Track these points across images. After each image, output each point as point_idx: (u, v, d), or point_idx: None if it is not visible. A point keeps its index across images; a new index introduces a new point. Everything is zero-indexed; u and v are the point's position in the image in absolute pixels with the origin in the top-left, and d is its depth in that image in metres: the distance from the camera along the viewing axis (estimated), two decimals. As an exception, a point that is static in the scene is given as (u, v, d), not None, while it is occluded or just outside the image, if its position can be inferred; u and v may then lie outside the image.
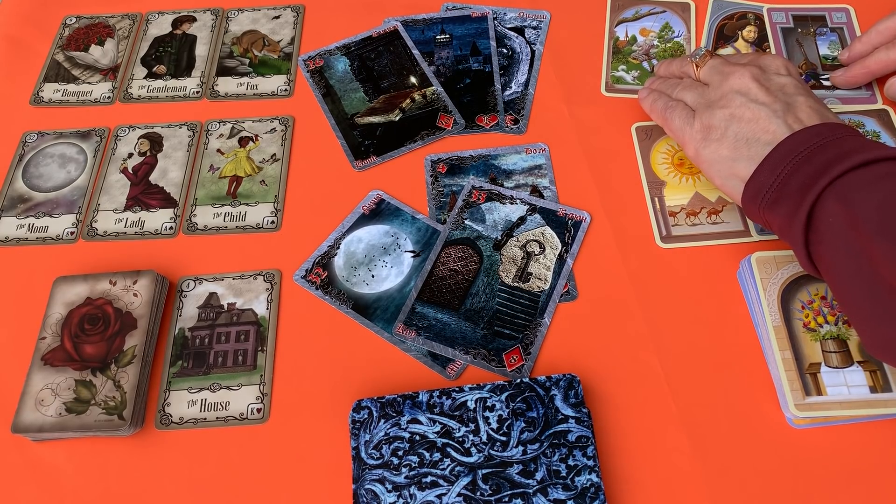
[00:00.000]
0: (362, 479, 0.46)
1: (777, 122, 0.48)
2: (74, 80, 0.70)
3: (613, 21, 0.70)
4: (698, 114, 0.53)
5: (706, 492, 0.47)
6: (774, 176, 0.46)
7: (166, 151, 0.65)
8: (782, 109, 0.49)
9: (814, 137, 0.46)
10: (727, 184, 0.50)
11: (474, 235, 0.58)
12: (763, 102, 0.49)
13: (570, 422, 0.47)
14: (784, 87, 0.51)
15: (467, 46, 0.69)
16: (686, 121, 0.53)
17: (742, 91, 0.51)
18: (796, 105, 0.49)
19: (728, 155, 0.50)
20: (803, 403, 0.47)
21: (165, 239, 0.60)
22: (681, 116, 0.54)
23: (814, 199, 0.43)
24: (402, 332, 0.54)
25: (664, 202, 0.59)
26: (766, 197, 0.47)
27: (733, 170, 0.49)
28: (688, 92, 0.55)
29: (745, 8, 0.70)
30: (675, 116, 0.54)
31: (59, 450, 0.51)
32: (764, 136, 0.48)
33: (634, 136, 0.63)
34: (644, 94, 0.60)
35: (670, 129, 0.56)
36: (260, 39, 0.72)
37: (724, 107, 0.51)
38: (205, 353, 0.54)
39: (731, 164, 0.49)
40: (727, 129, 0.50)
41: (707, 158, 0.51)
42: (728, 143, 0.50)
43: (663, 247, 0.57)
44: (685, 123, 0.53)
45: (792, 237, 0.45)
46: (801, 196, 0.44)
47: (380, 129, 0.65)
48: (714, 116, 0.51)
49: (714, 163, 0.51)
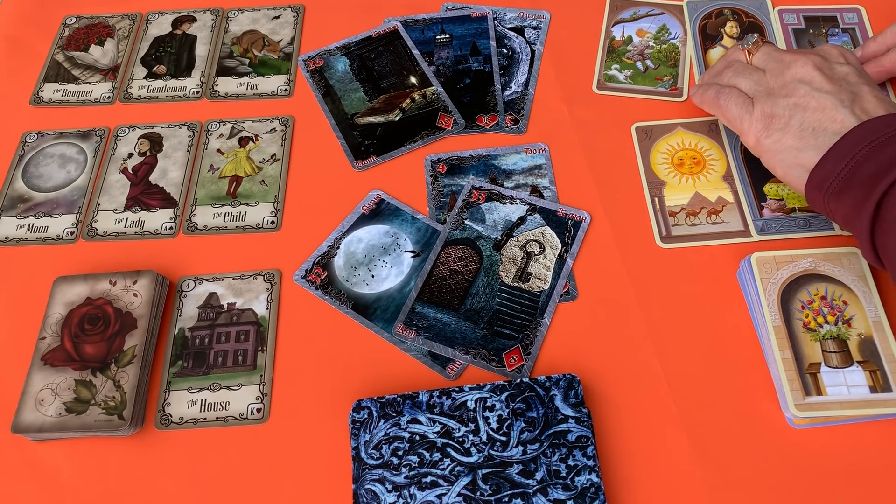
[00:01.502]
0: (362, 479, 0.46)
1: (844, 111, 0.47)
2: (74, 80, 0.70)
3: (611, 21, 0.70)
4: (758, 101, 0.51)
5: (706, 492, 0.47)
6: (843, 165, 0.45)
7: (166, 151, 0.65)
8: (849, 99, 0.48)
9: (884, 127, 0.45)
10: (790, 173, 0.50)
11: (474, 235, 0.58)
12: (828, 91, 0.49)
13: (569, 422, 0.47)
14: (847, 76, 0.50)
15: (467, 46, 0.69)
16: (745, 108, 0.52)
17: (805, 80, 0.50)
18: (862, 95, 0.48)
19: (793, 144, 0.49)
20: (803, 403, 0.47)
21: (165, 239, 0.60)
22: (738, 104, 0.53)
23: (885, 189, 0.43)
24: (402, 332, 0.54)
25: (664, 202, 0.59)
26: (832, 186, 0.46)
27: (798, 159, 0.49)
28: (742, 78, 0.54)
29: (719, 4, 0.70)
30: (730, 104, 0.53)
31: (59, 450, 0.51)
32: (832, 126, 0.47)
33: (634, 135, 0.63)
34: (693, 90, 0.59)
35: (726, 117, 0.54)
36: (260, 39, 0.72)
37: (787, 95, 0.50)
38: (205, 353, 0.54)
39: (797, 153, 0.49)
40: (791, 118, 0.49)
41: (770, 148, 0.50)
42: (793, 133, 0.49)
43: (663, 247, 0.57)
44: (743, 111, 0.52)
45: (858, 227, 0.45)
46: (871, 186, 0.44)
47: (380, 129, 0.65)
48: (777, 105, 0.50)
49: (778, 152, 0.50)
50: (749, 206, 0.58)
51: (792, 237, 0.56)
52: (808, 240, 0.56)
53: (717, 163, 0.61)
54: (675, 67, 0.67)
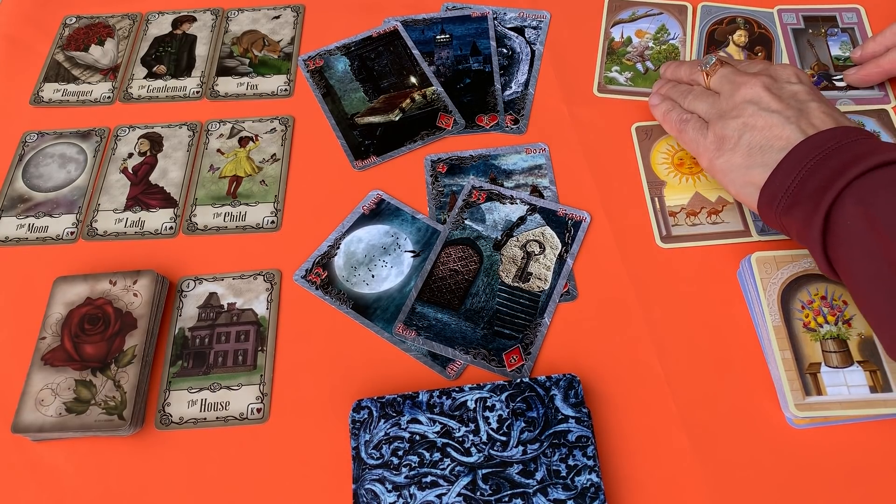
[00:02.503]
0: (362, 479, 0.46)
1: (790, 127, 0.48)
2: (74, 80, 0.70)
3: (610, 22, 0.70)
4: (711, 125, 0.53)
5: (706, 492, 0.47)
6: (790, 180, 0.46)
7: (166, 151, 0.65)
8: (795, 115, 0.49)
9: (828, 140, 0.46)
10: (742, 192, 0.50)
11: (474, 235, 0.58)
12: (775, 110, 0.49)
13: (570, 422, 0.47)
14: (796, 95, 0.51)
15: (467, 46, 0.69)
16: (700, 132, 0.54)
17: (754, 100, 0.51)
18: (809, 110, 0.49)
19: (742, 163, 0.50)
20: (803, 403, 0.47)
21: (165, 239, 0.60)
22: (694, 128, 0.54)
23: (831, 201, 0.43)
24: (402, 332, 0.54)
25: (664, 202, 0.59)
26: (781, 201, 0.46)
27: (748, 177, 0.49)
28: (700, 102, 0.55)
29: (734, 12, 0.70)
30: (688, 128, 0.55)
31: (59, 450, 0.51)
32: (777, 143, 0.48)
33: (634, 136, 0.63)
34: (656, 101, 0.60)
35: (684, 140, 0.56)
36: (260, 39, 0.72)
37: (736, 117, 0.51)
38: (205, 352, 0.54)
39: (746, 171, 0.49)
40: (740, 138, 0.50)
41: (721, 168, 0.51)
42: (742, 152, 0.50)
43: (663, 247, 0.57)
44: (699, 135, 0.54)
45: (809, 241, 0.45)
46: (818, 199, 0.44)
47: (380, 129, 0.65)
48: (727, 127, 0.51)
49: (728, 172, 0.51)
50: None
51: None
52: (808, 240, 0.56)
53: None
54: (675, 68, 0.67)
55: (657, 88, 0.61)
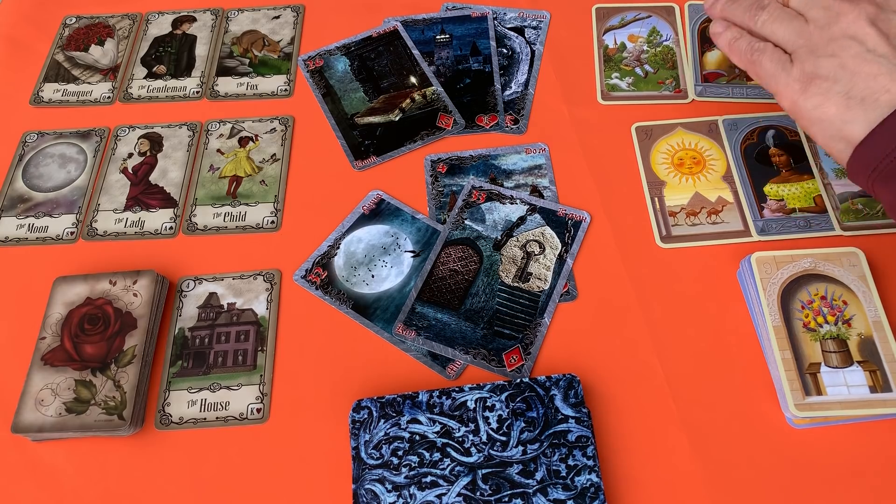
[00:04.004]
0: (362, 479, 0.46)
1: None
2: (74, 80, 0.70)
3: (601, 30, 0.70)
4: (798, 57, 0.45)
5: (706, 492, 0.47)
6: (892, 147, 0.40)
7: (166, 151, 0.65)
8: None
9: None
10: (832, 145, 0.44)
11: (474, 235, 0.58)
12: (883, 54, 0.42)
13: (569, 422, 0.47)
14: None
15: (467, 46, 0.69)
16: (780, 65, 0.46)
17: (857, 37, 0.43)
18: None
19: (836, 114, 0.43)
20: (803, 403, 0.47)
21: (165, 239, 0.60)
22: (772, 60, 0.46)
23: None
24: (402, 332, 0.54)
25: (664, 202, 0.59)
26: (879, 169, 0.41)
27: (842, 132, 0.43)
28: (780, 26, 0.47)
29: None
30: (763, 60, 0.47)
31: (59, 450, 0.51)
32: (884, 97, 0.41)
33: (634, 135, 0.63)
34: (720, 29, 0.51)
35: (757, 73, 0.48)
36: (260, 39, 0.72)
37: (832, 55, 0.43)
38: (205, 353, 0.54)
39: (841, 125, 0.43)
40: (837, 81, 0.43)
41: (809, 115, 0.44)
42: (837, 100, 0.43)
43: (663, 247, 0.57)
44: (778, 68, 0.46)
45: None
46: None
47: (380, 129, 0.65)
48: (820, 66, 0.43)
49: (818, 120, 0.44)
50: (749, 207, 0.58)
51: (792, 237, 0.56)
52: (809, 240, 0.56)
53: (717, 163, 0.61)
54: (674, 69, 0.67)
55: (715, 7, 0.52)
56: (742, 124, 0.62)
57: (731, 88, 0.65)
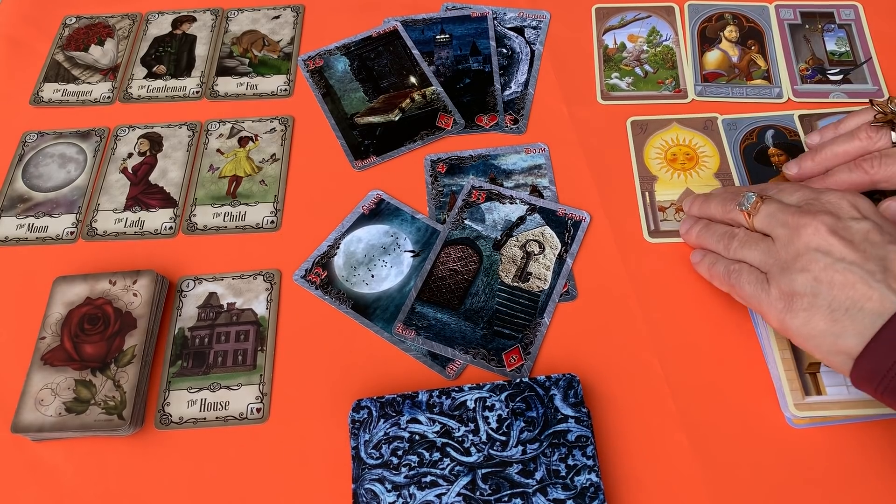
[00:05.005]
0: (362, 478, 0.46)
1: (878, 287, 0.41)
2: (74, 80, 0.70)
3: (600, 30, 0.70)
4: (773, 278, 0.45)
5: (706, 492, 0.47)
6: (893, 360, 0.40)
7: (166, 151, 0.65)
8: (879, 270, 0.42)
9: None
10: (832, 359, 0.43)
11: (474, 235, 0.58)
12: (852, 262, 0.42)
13: (569, 421, 0.47)
14: (868, 236, 0.43)
15: (467, 46, 0.69)
16: (759, 287, 0.46)
17: (822, 249, 0.43)
18: (891, 259, 0.42)
19: (827, 329, 0.42)
20: (803, 403, 0.47)
21: (165, 239, 0.60)
22: (750, 282, 0.46)
23: None
24: (401, 332, 0.54)
25: (654, 197, 0.59)
26: (884, 381, 0.40)
27: (837, 345, 0.42)
28: (750, 250, 0.47)
29: (721, 8, 0.70)
30: (742, 282, 0.47)
31: (59, 450, 0.51)
32: (868, 305, 0.41)
33: (629, 129, 0.63)
34: (698, 258, 0.53)
35: (741, 296, 0.48)
36: (260, 39, 0.72)
37: (803, 270, 0.43)
38: (204, 352, 0.54)
39: (835, 339, 0.42)
40: (816, 296, 0.43)
41: (799, 331, 0.43)
42: (822, 314, 0.42)
43: (651, 241, 0.57)
44: (758, 290, 0.46)
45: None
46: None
47: (379, 128, 0.65)
48: (795, 282, 0.43)
49: (812, 337, 0.43)
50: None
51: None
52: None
53: (710, 160, 0.61)
54: (673, 69, 0.67)
55: (690, 236, 0.54)
56: (741, 124, 0.63)
57: (730, 88, 0.65)
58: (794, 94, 0.64)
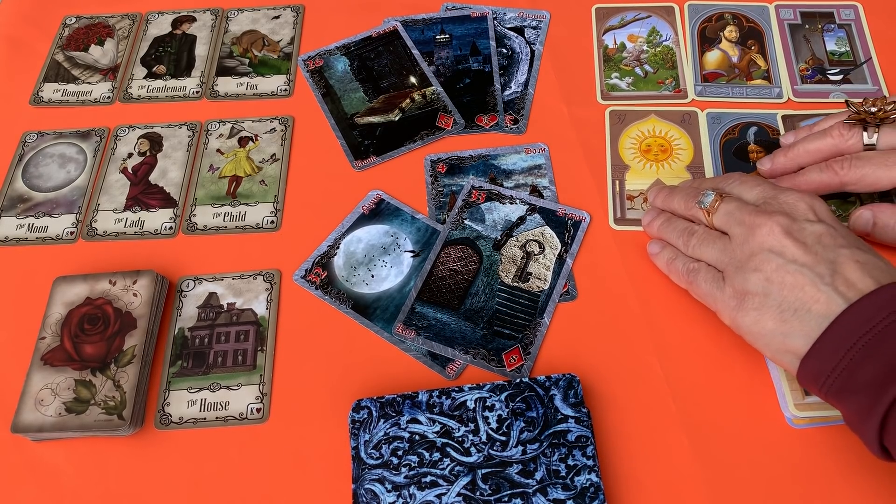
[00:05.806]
0: (362, 478, 0.46)
1: (826, 290, 0.42)
2: (74, 80, 0.70)
3: (600, 30, 0.70)
4: (728, 276, 0.46)
5: (706, 492, 0.47)
6: (838, 359, 0.40)
7: (166, 151, 0.65)
8: (828, 273, 0.42)
9: (877, 311, 0.40)
10: (779, 358, 0.44)
11: (474, 235, 0.58)
12: (804, 264, 0.43)
13: (569, 421, 0.47)
14: (821, 239, 0.44)
15: (467, 46, 0.69)
16: (714, 284, 0.47)
17: (775, 250, 0.44)
18: (841, 264, 0.42)
19: (776, 328, 0.43)
20: (803, 403, 0.47)
21: (165, 239, 0.60)
22: (706, 280, 0.48)
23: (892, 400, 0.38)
24: (401, 332, 0.54)
25: (624, 185, 0.60)
26: (829, 381, 0.41)
27: (785, 345, 0.43)
28: (707, 248, 0.49)
29: (721, 8, 0.70)
30: (699, 280, 0.49)
31: (59, 450, 0.51)
32: (815, 307, 0.42)
33: (607, 119, 0.63)
34: (656, 250, 0.54)
35: (696, 293, 0.50)
36: (260, 39, 0.72)
37: (756, 269, 0.44)
38: (204, 352, 0.54)
39: (783, 339, 0.43)
40: (767, 296, 0.44)
41: (750, 330, 0.45)
42: (772, 313, 0.43)
43: (616, 228, 0.57)
44: (713, 288, 0.47)
45: (863, 432, 0.41)
46: (875, 394, 0.39)
47: (379, 129, 0.65)
48: (748, 281, 0.44)
49: (761, 335, 0.44)
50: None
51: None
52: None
53: (683, 152, 0.61)
54: (673, 69, 0.67)
55: (652, 228, 0.55)
56: (726, 118, 0.63)
57: (730, 88, 0.65)
58: (794, 94, 0.64)
